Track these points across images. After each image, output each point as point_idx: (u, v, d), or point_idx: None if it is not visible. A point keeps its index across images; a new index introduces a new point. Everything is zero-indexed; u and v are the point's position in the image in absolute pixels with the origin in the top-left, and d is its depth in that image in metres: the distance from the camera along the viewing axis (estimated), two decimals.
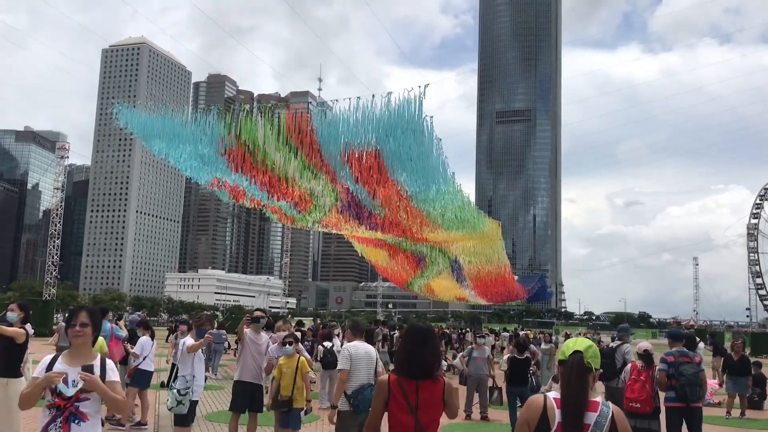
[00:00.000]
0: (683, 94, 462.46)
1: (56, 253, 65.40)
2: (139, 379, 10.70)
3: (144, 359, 10.77)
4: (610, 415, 3.26)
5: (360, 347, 7.11)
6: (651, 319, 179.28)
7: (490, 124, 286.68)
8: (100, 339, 9.96)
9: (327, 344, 14.32)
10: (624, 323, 26.03)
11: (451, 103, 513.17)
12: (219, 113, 14.70)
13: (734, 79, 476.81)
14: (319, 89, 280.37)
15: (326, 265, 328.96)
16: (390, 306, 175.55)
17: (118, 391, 4.34)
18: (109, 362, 4.40)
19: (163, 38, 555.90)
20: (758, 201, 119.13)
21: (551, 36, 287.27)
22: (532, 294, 46.66)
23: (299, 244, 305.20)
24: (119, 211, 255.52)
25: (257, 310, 9.83)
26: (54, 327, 31.90)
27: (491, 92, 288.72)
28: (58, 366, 4.23)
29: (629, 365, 8.80)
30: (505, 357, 13.30)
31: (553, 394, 3.35)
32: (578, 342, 3.46)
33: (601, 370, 3.54)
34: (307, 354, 9.35)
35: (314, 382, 9.86)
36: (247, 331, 9.21)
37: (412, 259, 29.02)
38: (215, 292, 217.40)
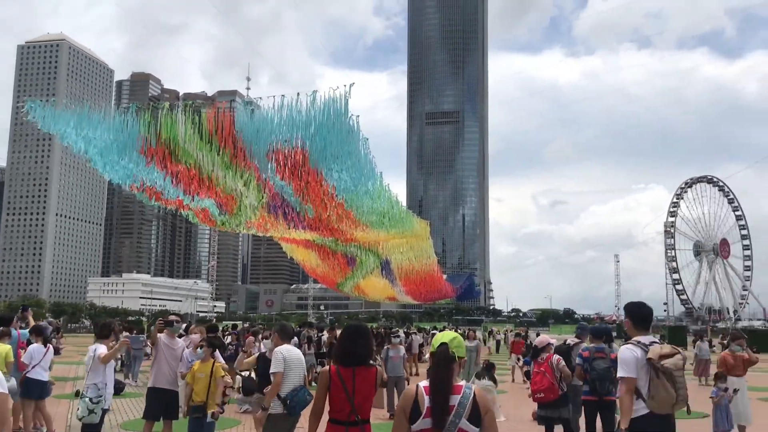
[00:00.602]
0: (606, 96, 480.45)
1: None
2: (28, 389, 9.80)
3: (33, 368, 9.95)
4: (472, 395, 3.71)
5: (292, 350, 7.08)
6: (576, 315, 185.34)
7: (420, 125, 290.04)
8: (7, 347, 9.39)
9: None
10: (583, 322, 26.66)
11: (383, 103, 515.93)
12: (138, 111, 14.19)
13: (653, 82, 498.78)
14: (248, 88, 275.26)
15: (256, 268, 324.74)
16: (321, 307, 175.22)
17: (6, 405, 4.01)
18: None
19: (85, 35, 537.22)
20: (675, 200, 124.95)
21: (478, 39, 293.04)
22: (460, 292, 47.27)
23: (227, 247, 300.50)
24: (37, 213, 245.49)
25: (172, 314, 9.46)
26: None
27: (420, 94, 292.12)
28: None
29: (532, 363, 9.23)
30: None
31: (424, 383, 3.81)
32: (445, 335, 3.98)
33: (464, 359, 4.05)
34: (222, 359, 9.00)
35: (232, 387, 9.55)
36: (161, 336, 8.85)
37: (342, 260, 28.82)
38: (140, 297, 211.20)
